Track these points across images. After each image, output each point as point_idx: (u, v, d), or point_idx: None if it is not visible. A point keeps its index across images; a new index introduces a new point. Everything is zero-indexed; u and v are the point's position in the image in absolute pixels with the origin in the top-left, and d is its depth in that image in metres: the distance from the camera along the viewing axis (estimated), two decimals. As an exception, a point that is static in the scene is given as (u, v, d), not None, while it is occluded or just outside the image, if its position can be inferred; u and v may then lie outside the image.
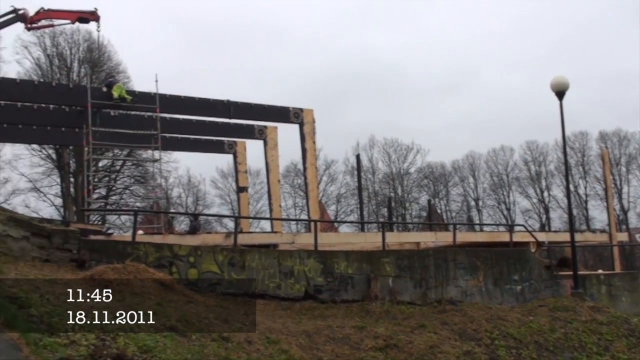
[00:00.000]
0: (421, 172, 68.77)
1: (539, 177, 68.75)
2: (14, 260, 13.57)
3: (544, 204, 68.03)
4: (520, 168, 70.09)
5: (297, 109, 28.49)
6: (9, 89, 22.89)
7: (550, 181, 68.33)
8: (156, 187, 31.09)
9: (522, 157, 70.02)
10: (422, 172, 68.82)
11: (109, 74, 45.08)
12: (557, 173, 66.93)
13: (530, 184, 69.12)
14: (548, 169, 68.53)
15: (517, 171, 70.20)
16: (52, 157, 47.25)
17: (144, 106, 24.72)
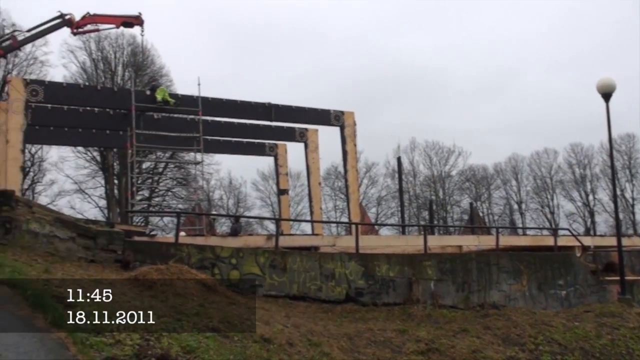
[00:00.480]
0: (463, 175, 68.15)
1: (584, 180, 67.52)
2: (61, 261, 13.85)
3: (589, 208, 66.79)
4: (565, 171, 68.92)
5: (338, 111, 28.51)
6: (56, 92, 23.38)
7: (596, 184, 67.05)
8: (198, 189, 31.36)
9: (567, 160, 68.86)
10: (463, 175, 68.19)
11: (152, 77, 45.82)
12: (602, 176, 65.63)
13: (575, 187, 67.90)
14: (593, 172, 67.26)
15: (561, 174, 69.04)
16: (96, 159, 48.08)
17: (187, 109, 25.05)
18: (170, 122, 26.80)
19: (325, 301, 16.51)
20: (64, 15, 25.29)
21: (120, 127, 25.93)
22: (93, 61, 47.80)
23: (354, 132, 28.60)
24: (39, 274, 11.41)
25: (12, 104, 21.97)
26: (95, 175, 48.76)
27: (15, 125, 21.95)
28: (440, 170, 66.81)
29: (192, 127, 25.90)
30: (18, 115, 22.02)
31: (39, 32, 25.61)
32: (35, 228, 14.27)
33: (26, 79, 24.33)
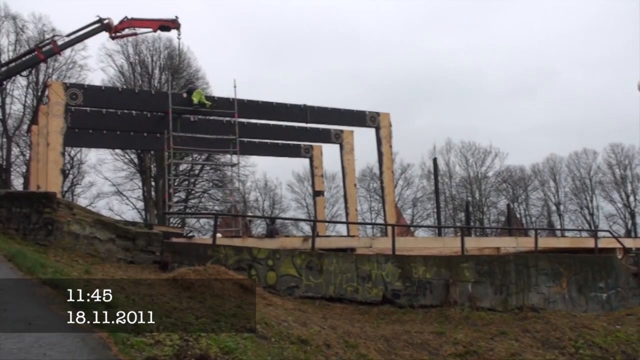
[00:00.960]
0: (499, 176, 67.36)
1: (624, 181, 66.23)
2: (101, 262, 14.08)
3: (630, 209, 65.51)
4: (604, 172, 67.66)
5: (374, 113, 28.45)
6: (95, 96, 23.68)
7: (637, 185, 65.69)
8: (234, 190, 31.62)
9: (606, 161, 67.63)
10: (500, 176, 67.40)
11: (188, 80, 46.22)
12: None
13: (615, 188, 66.61)
14: (634, 172, 65.94)
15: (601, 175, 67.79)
16: (134, 161, 48.66)
17: (223, 111, 25.21)
18: (207, 124, 27.00)
19: (361, 303, 16.50)
20: (102, 20, 25.67)
21: (158, 130, 26.21)
22: (130, 65, 48.43)
23: (389, 133, 28.50)
24: (80, 275, 11.60)
25: (53, 107, 22.32)
26: (132, 177, 49.38)
27: (56, 128, 22.29)
28: (476, 172, 66.20)
29: (228, 129, 26.07)
30: (58, 118, 22.35)
31: (78, 36, 26.02)
32: (76, 229, 14.52)
33: (66, 83, 24.74)
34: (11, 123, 43.90)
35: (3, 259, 11.11)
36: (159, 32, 28.29)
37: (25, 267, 10.46)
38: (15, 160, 44.27)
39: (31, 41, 42.14)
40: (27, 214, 14.25)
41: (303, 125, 28.70)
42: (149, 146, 33.00)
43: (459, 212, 63.75)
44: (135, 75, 48.37)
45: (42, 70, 43.71)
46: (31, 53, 26.37)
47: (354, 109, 28.23)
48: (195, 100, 24.35)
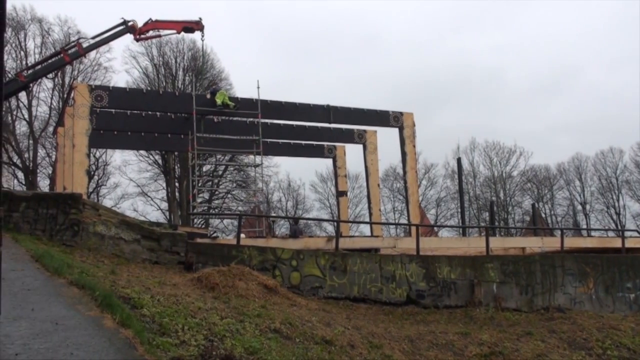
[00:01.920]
0: (524, 176, 66.74)
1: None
2: (126, 262, 14.19)
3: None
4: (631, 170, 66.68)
5: (397, 112, 28.39)
6: (119, 97, 23.89)
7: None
8: (257, 191, 31.78)
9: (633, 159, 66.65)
10: (525, 176, 66.78)
11: (212, 81, 46.46)
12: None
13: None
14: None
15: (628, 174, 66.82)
16: (158, 162, 49.00)
17: (246, 112, 25.30)
18: (230, 125, 27.16)
19: (385, 303, 16.47)
20: (127, 22, 25.84)
21: (182, 131, 26.40)
22: (155, 66, 48.77)
23: (413, 133, 28.43)
24: (105, 275, 11.70)
25: (78, 109, 22.56)
26: (157, 178, 49.74)
27: (81, 129, 22.52)
28: (501, 171, 65.68)
29: (252, 129, 26.21)
30: (83, 120, 22.59)
31: (103, 39, 26.20)
32: (102, 230, 14.65)
33: (91, 85, 25.00)
34: (37, 125, 44.48)
35: (30, 260, 11.24)
36: (183, 33, 28.41)
37: (52, 268, 10.57)
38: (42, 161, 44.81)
39: (57, 44, 42.67)
40: (54, 215, 14.41)
41: (326, 126, 28.74)
42: (173, 147, 33.25)
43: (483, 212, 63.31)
44: (159, 77, 48.72)
45: (68, 73, 44.23)
46: (57, 55, 26.60)
47: (377, 109, 28.23)
48: (218, 102, 24.48)
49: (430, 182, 64.79)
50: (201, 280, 13.33)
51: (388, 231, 56.13)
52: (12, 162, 42.46)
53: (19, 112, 43.97)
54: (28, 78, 25.85)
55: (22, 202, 14.30)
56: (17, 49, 43.21)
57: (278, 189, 63.79)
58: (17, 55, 43.18)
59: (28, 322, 7.45)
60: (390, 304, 16.48)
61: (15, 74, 27.53)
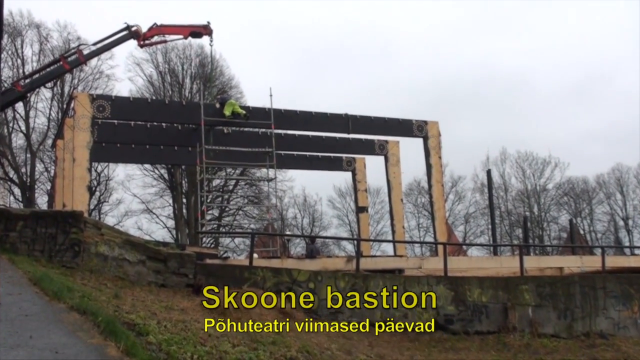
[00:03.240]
0: (560, 189, 66.33)
1: (702, 193, 64.75)
2: (131, 285, 14.22)
3: None
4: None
5: (421, 121, 28.31)
6: (122, 107, 24.00)
7: None
8: (271, 207, 31.76)
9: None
10: (561, 189, 66.37)
11: (221, 89, 46.67)
12: None
13: (690, 201, 65.17)
14: None
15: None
16: (164, 177, 49.21)
17: (259, 122, 25.27)
18: (241, 136, 27.22)
19: (411, 329, 16.36)
20: (130, 27, 26.04)
21: (189, 143, 26.50)
22: (160, 74, 49.08)
23: (438, 143, 28.35)
24: (108, 300, 11.72)
25: (79, 120, 22.69)
26: (162, 194, 49.94)
27: (82, 142, 22.64)
28: (534, 184, 65.35)
29: (264, 141, 26.23)
30: (84, 132, 22.71)
31: (105, 45, 26.44)
32: (104, 251, 14.71)
33: (92, 95, 25.14)
34: (35, 137, 44.88)
35: (28, 283, 11.28)
36: (190, 38, 28.64)
37: (51, 292, 10.60)
38: (40, 177, 45.21)
39: (56, 51, 43.13)
40: (53, 234, 14.48)
41: (345, 136, 28.72)
42: (180, 161, 33.37)
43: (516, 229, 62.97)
44: (165, 85, 49.02)
45: (68, 81, 44.66)
46: (56, 63, 26.89)
47: (399, 118, 28.15)
48: (227, 114, 24.38)
49: (457, 196, 64.61)
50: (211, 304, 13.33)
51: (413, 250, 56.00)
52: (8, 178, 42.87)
53: (16, 124, 44.47)
54: (25, 88, 26.12)
55: (19, 220, 14.39)
56: (13, 56, 43.76)
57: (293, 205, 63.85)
58: (13, 64, 43.74)
59: (26, 351, 7.46)
60: (416, 329, 16.38)
61: (12, 84, 27.88)
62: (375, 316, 16.21)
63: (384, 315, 16.30)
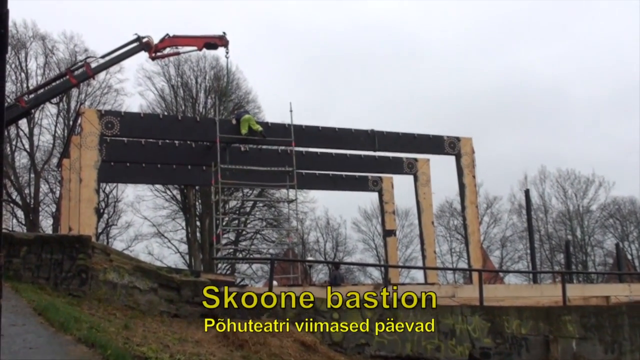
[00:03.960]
0: (605, 210, 65.76)
1: None
2: (141, 315, 14.25)
3: None
4: None
5: (453, 137, 28.24)
6: (133, 124, 24.16)
7: None
8: (291, 231, 31.68)
9: None
10: (606, 210, 65.79)
11: (237, 104, 46.90)
12: None
13: None
14: None
15: None
16: (176, 198, 49.46)
17: (278, 139, 25.32)
18: (259, 154, 27.31)
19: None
20: (141, 38, 26.25)
21: (204, 162, 26.63)
22: (172, 88, 49.47)
23: (472, 161, 28.24)
24: (118, 331, 11.75)
25: (86, 138, 22.87)
26: (175, 216, 50.14)
27: (89, 161, 22.80)
28: (577, 205, 64.89)
29: (284, 160, 26.29)
30: (92, 150, 22.88)
31: (114, 57, 26.69)
32: (113, 278, 14.76)
33: (100, 110, 25.35)
34: (39, 156, 45.35)
35: (32, 313, 11.35)
36: (205, 50, 28.81)
37: (57, 322, 10.65)
38: (44, 198, 45.61)
39: (62, 64, 43.69)
40: (59, 260, 14.56)
41: (371, 154, 28.73)
42: (193, 181, 33.55)
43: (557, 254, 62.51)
44: (177, 100, 49.38)
45: (74, 97, 45.19)
46: (62, 77, 27.17)
47: (429, 134, 28.09)
48: (243, 131, 24.40)
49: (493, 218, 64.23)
50: (228, 337, 13.31)
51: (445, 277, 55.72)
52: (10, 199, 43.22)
53: (19, 141, 44.93)
54: (29, 103, 26.46)
55: (23, 246, 14.49)
56: (17, 70, 44.34)
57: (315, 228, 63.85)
58: (17, 78, 44.33)
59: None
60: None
61: (16, 99, 28.20)
62: (405, 349, 16.11)
63: (415, 348, 16.19)
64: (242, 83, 50.45)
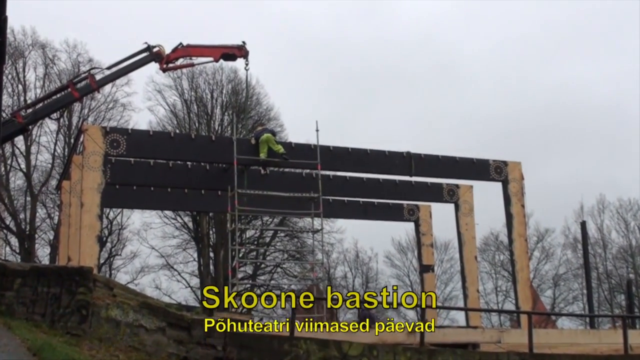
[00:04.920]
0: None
1: None
2: (147, 357, 14.27)
3: None
4: None
5: (500, 162, 28.11)
6: (140, 143, 24.22)
7: None
8: (316, 264, 31.62)
9: None
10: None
11: (257, 121, 46.93)
12: None
13: None
14: None
15: None
16: (188, 226, 49.56)
17: (303, 162, 25.25)
18: (281, 178, 27.32)
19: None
20: (151, 47, 26.40)
21: (219, 186, 26.65)
22: (185, 103, 49.74)
23: (521, 188, 28.08)
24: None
25: (89, 158, 22.99)
26: (186, 246, 50.22)
27: (92, 184, 22.90)
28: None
29: (309, 184, 26.26)
30: (95, 172, 22.99)
31: (121, 69, 26.86)
32: (117, 315, 14.80)
33: (105, 127, 25.37)
34: (37, 177, 45.66)
35: (27, 353, 11.40)
36: (222, 61, 28.92)
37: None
38: (41, 224, 45.87)
39: (63, 75, 44.14)
40: (57, 294, 14.60)
41: (407, 179, 28.65)
42: (207, 207, 33.60)
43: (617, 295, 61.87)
44: (191, 117, 49.64)
45: (76, 112, 45.60)
46: (63, 90, 27.38)
47: (473, 158, 27.95)
48: (262, 156, 24.34)
49: (544, 253, 63.82)
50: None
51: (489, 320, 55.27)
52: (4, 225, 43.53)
53: (14, 161, 45.28)
54: (27, 119, 26.65)
55: (17, 277, 14.56)
56: (14, 81, 44.76)
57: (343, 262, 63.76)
58: (14, 90, 44.74)
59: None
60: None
61: (12, 114, 28.43)
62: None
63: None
64: (262, 98, 50.67)
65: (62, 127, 45.67)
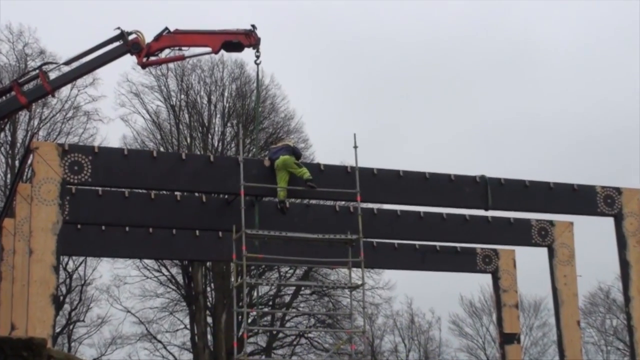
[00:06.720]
0: None
1: None
2: None
3: None
4: None
5: (610, 188, 27.80)
6: (111, 165, 23.95)
7: None
8: (355, 333, 31.66)
9: None
10: None
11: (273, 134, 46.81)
12: None
13: None
14: None
15: None
16: (176, 281, 49.59)
17: (336, 191, 24.95)
18: (306, 213, 27.21)
19: None
20: (126, 34, 26.20)
21: (220, 225, 26.62)
22: (172, 110, 49.68)
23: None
24: None
25: (40, 187, 22.91)
26: (174, 309, 50.29)
27: (45, 223, 22.79)
28: None
29: (345, 222, 26.10)
30: (49, 206, 22.90)
31: (84, 64, 26.70)
32: (79, 405, 14.87)
33: (62, 145, 25.19)
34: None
35: None
36: (223, 52, 28.62)
37: None
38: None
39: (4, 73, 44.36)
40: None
41: (481, 214, 28.45)
42: (203, 254, 33.53)
43: None
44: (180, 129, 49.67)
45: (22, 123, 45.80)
46: (5, 94, 27.42)
47: (573, 183, 27.66)
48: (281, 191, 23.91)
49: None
50: None
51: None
52: None
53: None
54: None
55: (-58, 352, 14.71)
56: None
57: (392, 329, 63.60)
58: None
59: None
60: None
61: None
62: None
63: None
64: (279, 103, 50.41)
65: (3, 144, 45.89)
